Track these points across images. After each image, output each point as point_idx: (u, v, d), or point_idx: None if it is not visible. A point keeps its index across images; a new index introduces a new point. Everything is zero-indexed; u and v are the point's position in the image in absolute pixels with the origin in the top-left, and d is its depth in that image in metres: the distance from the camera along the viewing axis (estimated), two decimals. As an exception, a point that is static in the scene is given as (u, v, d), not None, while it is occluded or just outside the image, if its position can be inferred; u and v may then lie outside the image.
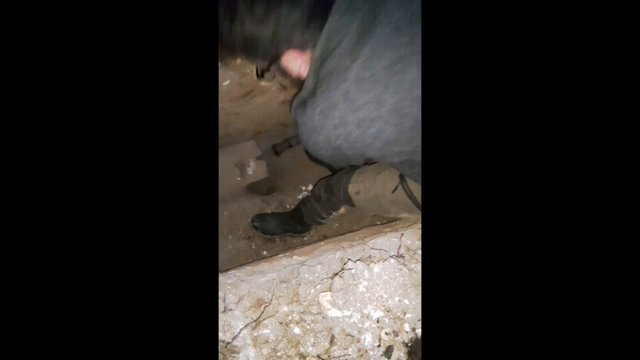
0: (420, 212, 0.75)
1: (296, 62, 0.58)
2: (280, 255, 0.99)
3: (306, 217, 1.11)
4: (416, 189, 0.72)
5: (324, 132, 0.55)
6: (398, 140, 0.54)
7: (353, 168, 0.87)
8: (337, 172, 0.95)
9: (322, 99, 0.54)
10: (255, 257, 1.23)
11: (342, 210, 0.94)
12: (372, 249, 0.77)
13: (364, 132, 0.53)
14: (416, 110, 0.52)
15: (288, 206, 1.37)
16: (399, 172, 0.74)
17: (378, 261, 0.67)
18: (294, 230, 1.27)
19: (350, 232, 1.23)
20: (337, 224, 1.41)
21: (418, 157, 0.57)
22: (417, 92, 0.50)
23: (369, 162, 0.85)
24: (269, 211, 1.33)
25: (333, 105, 0.53)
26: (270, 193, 1.42)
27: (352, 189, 0.84)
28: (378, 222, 1.33)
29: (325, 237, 1.37)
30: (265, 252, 1.26)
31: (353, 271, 0.66)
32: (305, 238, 1.34)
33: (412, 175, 0.71)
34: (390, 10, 0.51)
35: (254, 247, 1.26)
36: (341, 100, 0.52)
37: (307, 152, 1.56)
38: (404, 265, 0.66)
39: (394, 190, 0.75)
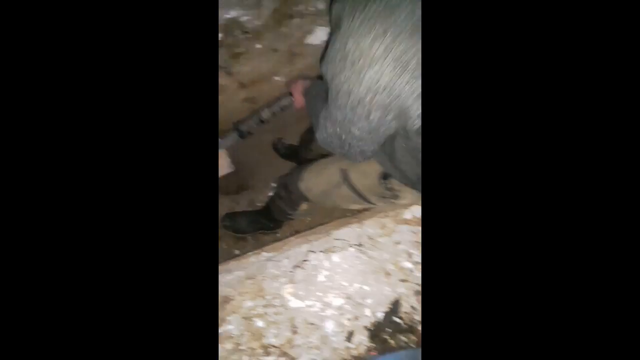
0: (366, 202, 0.77)
1: None
2: (249, 254, 0.99)
3: (275, 213, 1.11)
4: (358, 181, 0.75)
5: None
6: None
7: (303, 166, 0.90)
8: (291, 171, 0.98)
9: None
10: (227, 257, 1.23)
11: (305, 206, 0.96)
12: (336, 239, 0.79)
13: None
14: None
15: (258, 204, 1.37)
16: (341, 167, 0.77)
17: (338, 251, 0.68)
18: (265, 228, 1.27)
19: (321, 225, 1.25)
20: (309, 218, 1.42)
21: None
22: None
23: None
24: (239, 210, 1.32)
25: None
26: (239, 192, 1.42)
27: (302, 186, 0.86)
28: (348, 214, 1.35)
29: (297, 232, 1.38)
30: (237, 251, 1.25)
31: (314, 262, 0.67)
32: (278, 234, 1.34)
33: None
34: None
35: (225, 246, 1.25)
36: None
37: (286, 151, 1.51)
38: (364, 253, 0.68)
39: (338, 186, 0.77)
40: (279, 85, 1.22)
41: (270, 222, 1.24)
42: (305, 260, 0.69)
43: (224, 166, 1.18)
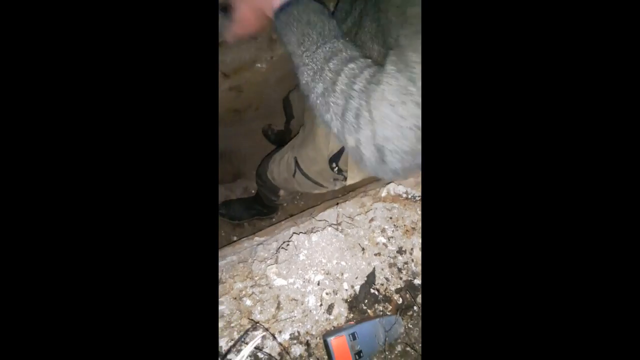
0: (320, 186, 0.80)
1: None
2: (243, 239, 1.04)
3: (264, 199, 1.16)
4: (309, 168, 0.77)
5: None
6: None
7: (269, 155, 0.93)
8: (261, 160, 1.01)
9: None
10: (225, 243, 1.28)
11: (282, 192, 1.00)
12: (319, 220, 0.83)
13: None
14: None
15: (253, 191, 1.41)
16: (293, 155, 0.79)
17: (317, 231, 0.72)
18: (260, 213, 1.32)
19: (310, 207, 1.29)
20: (302, 202, 1.46)
21: None
22: None
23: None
24: (234, 198, 1.37)
25: None
26: (234, 180, 1.46)
27: (269, 175, 0.90)
28: (340, 195, 1.39)
29: (292, 216, 1.43)
30: (235, 238, 1.31)
31: (295, 242, 0.72)
32: (274, 219, 1.39)
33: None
34: None
35: (223, 234, 1.30)
36: None
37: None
38: (340, 232, 0.72)
39: (294, 174, 0.80)
40: (260, 72, 1.24)
41: (264, 208, 1.29)
42: (287, 242, 0.74)
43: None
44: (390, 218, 0.73)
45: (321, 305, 0.65)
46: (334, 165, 0.70)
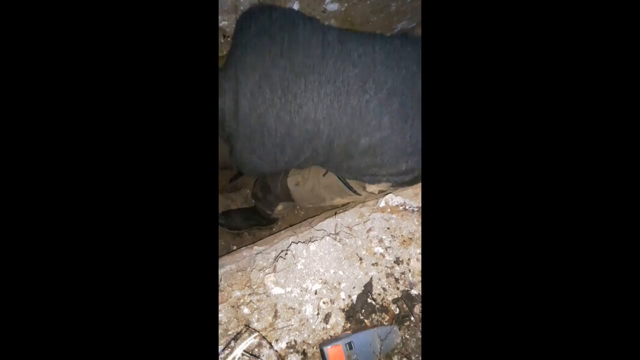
0: (351, 192, 0.82)
1: None
2: (242, 248, 1.05)
3: (260, 211, 1.17)
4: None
5: None
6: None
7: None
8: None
9: None
10: (224, 253, 1.29)
11: (280, 207, 1.01)
12: (317, 230, 0.84)
13: None
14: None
15: (253, 201, 1.42)
16: None
17: (315, 240, 0.73)
18: (259, 223, 1.33)
19: (309, 217, 1.30)
20: (302, 212, 1.47)
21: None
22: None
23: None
24: (234, 207, 1.38)
25: None
26: (235, 190, 1.47)
27: (290, 181, 0.91)
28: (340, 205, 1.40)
29: (291, 226, 1.44)
30: (234, 247, 1.31)
31: (294, 252, 0.73)
32: (274, 229, 1.40)
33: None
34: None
35: (223, 243, 1.31)
36: None
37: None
38: (338, 241, 0.73)
39: (325, 174, 0.82)
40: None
41: (263, 219, 1.30)
42: (286, 251, 0.75)
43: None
44: (388, 228, 0.74)
45: (318, 314, 0.66)
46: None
